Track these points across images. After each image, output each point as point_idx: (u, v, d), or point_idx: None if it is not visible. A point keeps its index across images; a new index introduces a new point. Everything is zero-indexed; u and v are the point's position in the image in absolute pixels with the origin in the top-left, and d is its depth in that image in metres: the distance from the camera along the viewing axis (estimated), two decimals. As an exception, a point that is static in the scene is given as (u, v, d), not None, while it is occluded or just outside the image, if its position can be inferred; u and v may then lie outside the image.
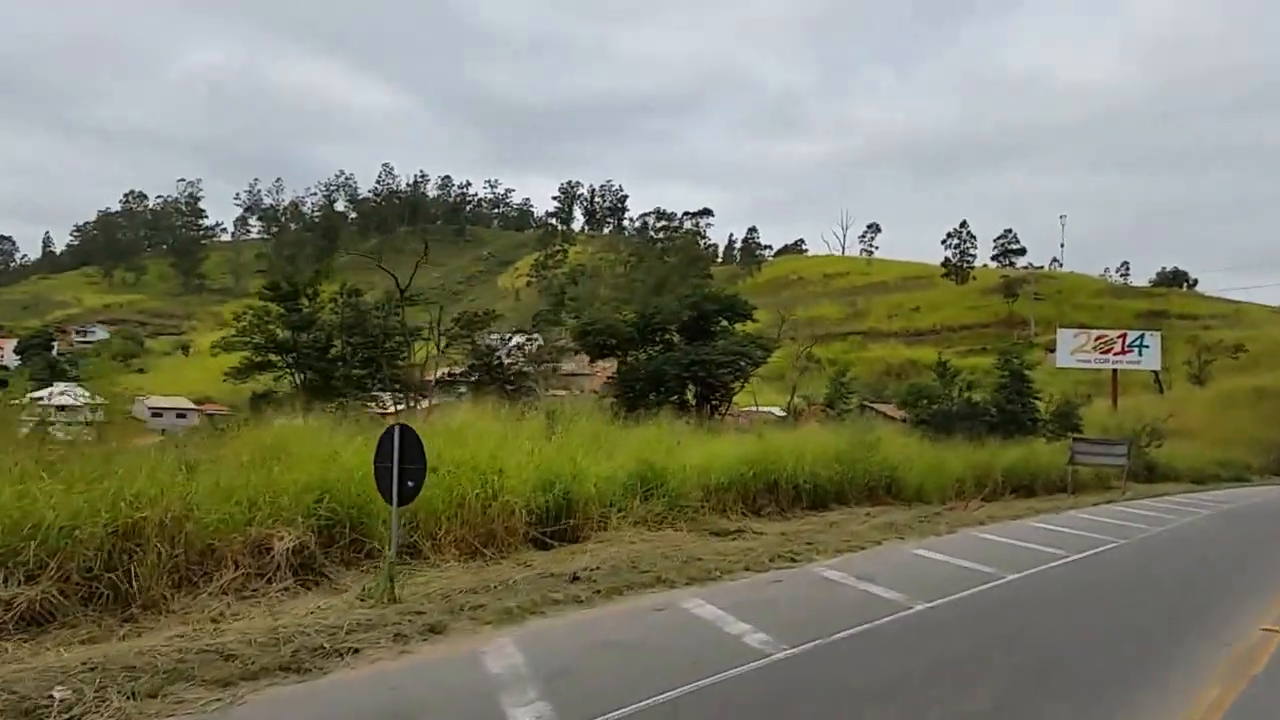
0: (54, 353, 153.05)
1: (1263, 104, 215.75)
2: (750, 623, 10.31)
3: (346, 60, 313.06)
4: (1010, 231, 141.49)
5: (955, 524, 21.25)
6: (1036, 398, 43.37)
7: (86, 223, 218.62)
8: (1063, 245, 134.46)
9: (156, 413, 68.68)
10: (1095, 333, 72.12)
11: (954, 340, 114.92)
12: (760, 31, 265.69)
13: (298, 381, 33.36)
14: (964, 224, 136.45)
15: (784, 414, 49.99)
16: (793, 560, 15.00)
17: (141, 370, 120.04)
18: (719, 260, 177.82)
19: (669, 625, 10.40)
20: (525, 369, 41.51)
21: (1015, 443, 35.69)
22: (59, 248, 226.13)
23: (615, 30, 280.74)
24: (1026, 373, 43.88)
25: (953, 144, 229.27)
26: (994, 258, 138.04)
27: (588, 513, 16.46)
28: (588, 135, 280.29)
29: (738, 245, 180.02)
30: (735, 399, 57.20)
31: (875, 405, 57.28)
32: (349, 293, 34.53)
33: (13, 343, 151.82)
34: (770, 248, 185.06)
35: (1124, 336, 70.09)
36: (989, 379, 46.76)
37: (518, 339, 44.45)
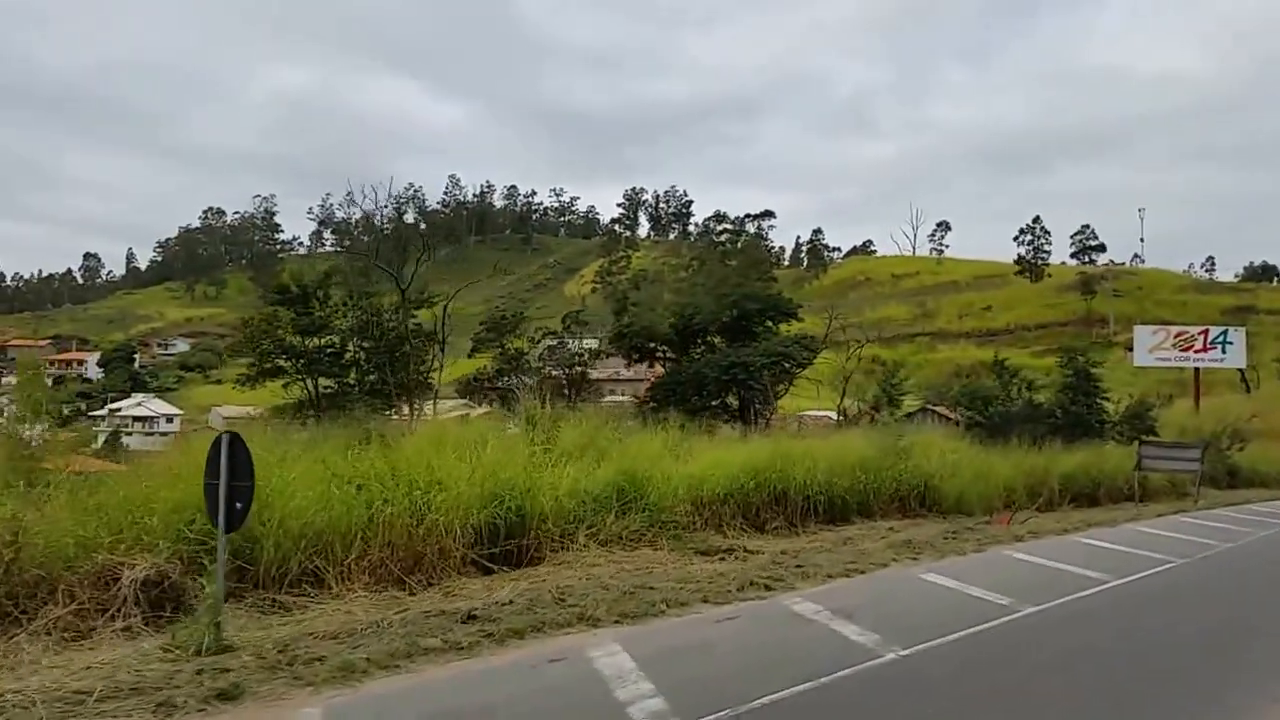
0: (136, 365, 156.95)
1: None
2: (655, 681, 8.06)
3: (419, 77, 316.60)
4: (1088, 227, 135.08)
5: (988, 540, 18.55)
6: (1104, 398, 39.83)
7: (169, 239, 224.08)
8: (1142, 240, 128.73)
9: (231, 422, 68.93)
10: (1175, 329, 67.54)
11: (1029, 340, 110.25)
12: (829, 32, 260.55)
13: (310, 389, 31.89)
14: (1037, 219, 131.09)
15: (839, 418, 47.21)
16: (767, 588, 12.64)
17: (219, 381, 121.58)
18: (785, 263, 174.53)
19: (549, 685, 8.19)
20: (554, 372, 39.59)
21: (1079, 447, 32.49)
22: (143, 264, 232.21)
23: (684, 36, 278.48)
24: (1093, 371, 40.35)
25: (1027, 140, 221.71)
26: (1073, 255, 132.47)
27: (546, 531, 14.37)
28: (657, 143, 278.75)
29: (805, 247, 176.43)
30: (784, 402, 54.68)
31: (937, 408, 54.09)
32: (360, 295, 32.93)
33: (95, 355, 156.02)
34: (839, 249, 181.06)
35: (1206, 333, 65.43)
36: (1055, 378, 43.26)
37: (548, 341, 42.48)
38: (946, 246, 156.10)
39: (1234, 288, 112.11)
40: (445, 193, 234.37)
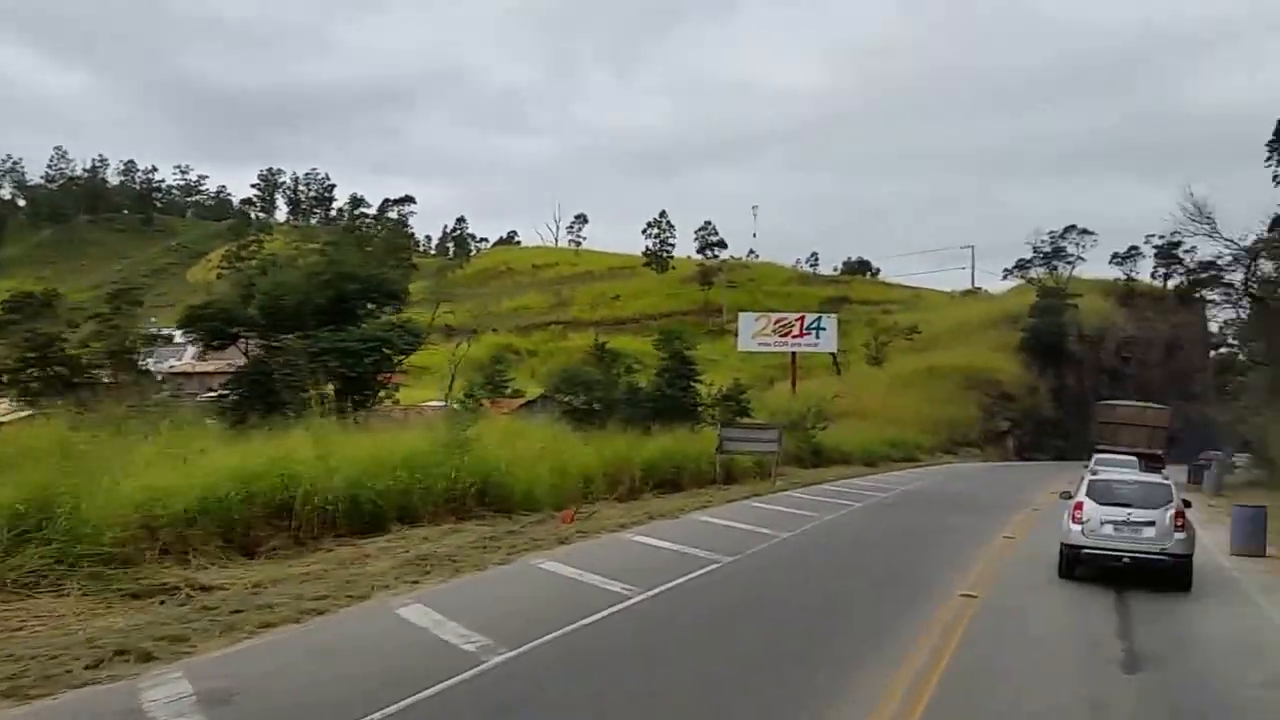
0: None
1: (950, 110, 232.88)
2: None
3: (37, 44, 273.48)
4: (709, 224, 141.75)
5: (527, 546, 15.87)
6: (698, 381, 39.65)
7: None
8: (755, 235, 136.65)
9: None
10: (776, 316, 70.96)
11: (653, 329, 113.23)
12: (486, 28, 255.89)
13: None
14: (663, 214, 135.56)
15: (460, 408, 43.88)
16: (148, 656, 8.81)
17: None
18: (431, 252, 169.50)
19: None
20: (100, 363, 32.89)
21: (671, 432, 31.42)
22: None
23: (339, 19, 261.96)
24: (688, 354, 40.05)
25: (665, 144, 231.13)
26: (699, 250, 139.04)
27: None
28: (304, 128, 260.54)
29: (451, 237, 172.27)
30: (403, 394, 50.38)
31: (558, 396, 52.33)
32: None
33: None
34: (485, 240, 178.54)
35: (802, 319, 69.21)
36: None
37: (91, 325, 35.44)
38: (584, 239, 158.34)
39: (832, 280, 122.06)
40: (50, 166, 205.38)
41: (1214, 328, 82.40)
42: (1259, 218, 47.53)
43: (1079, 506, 15.47)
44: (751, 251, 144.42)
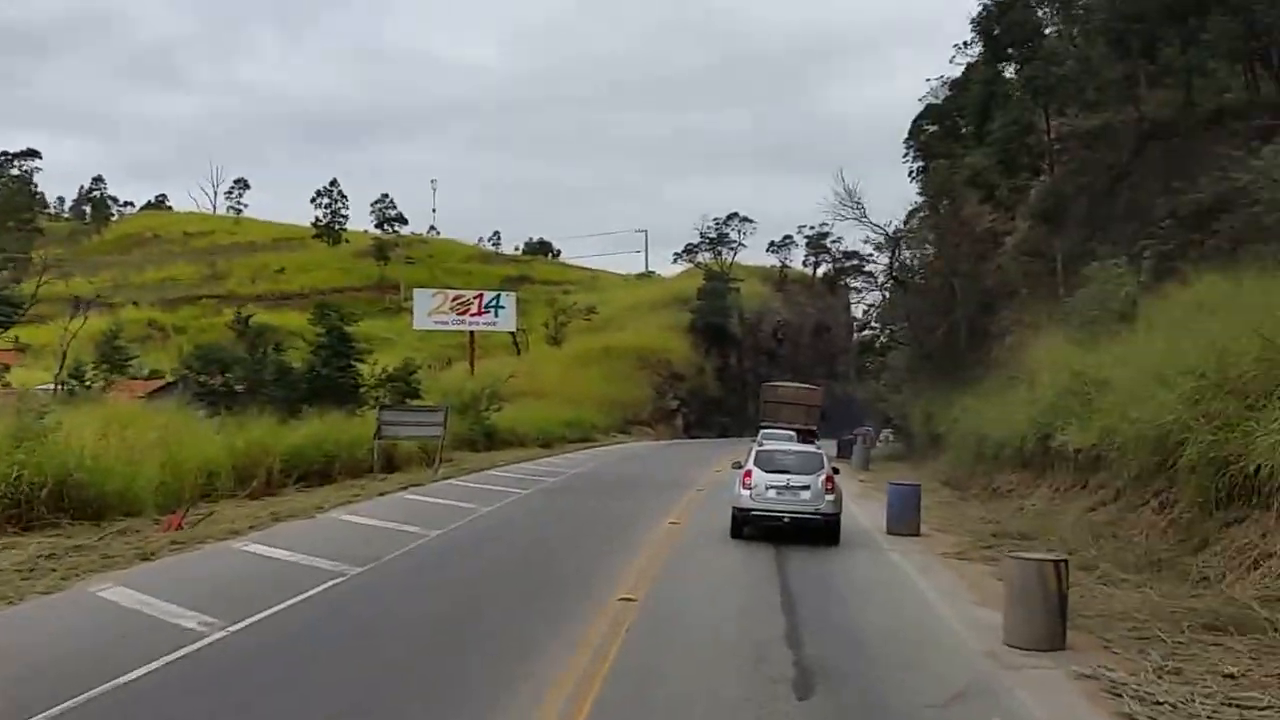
0: None
1: (619, 98, 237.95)
2: None
3: None
4: (387, 197, 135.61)
5: (95, 565, 12.42)
6: (359, 360, 36.29)
7: None
8: (434, 210, 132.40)
9: None
10: (453, 294, 68.26)
11: (324, 304, 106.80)
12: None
13: None
14: (334, 182, 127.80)
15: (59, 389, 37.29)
16: None
17: None
18: (65, 215, 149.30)
19: None
20: None
21: (320, 416, 28.01)
22: None
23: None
24: (348, 330, 36.51)
25: (342, 113, 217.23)
26: (377, 226, 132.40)
27: None
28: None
29: (89, 199, 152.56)
30: (8, 375, 43.08)
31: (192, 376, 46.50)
32: None
33: None
34: (131, 204, 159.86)
35: (480, 297, 67.02)
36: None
37: None
38: (245, 206, 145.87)
39: (514, 259, 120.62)
40: None
41: (858, 312, 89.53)
42: (901, 208, 51.79)
43: (748, 475, 17.01)
44: (432, 228, 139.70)
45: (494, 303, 66.90)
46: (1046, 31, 30.28)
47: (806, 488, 16.54)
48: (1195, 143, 27.90)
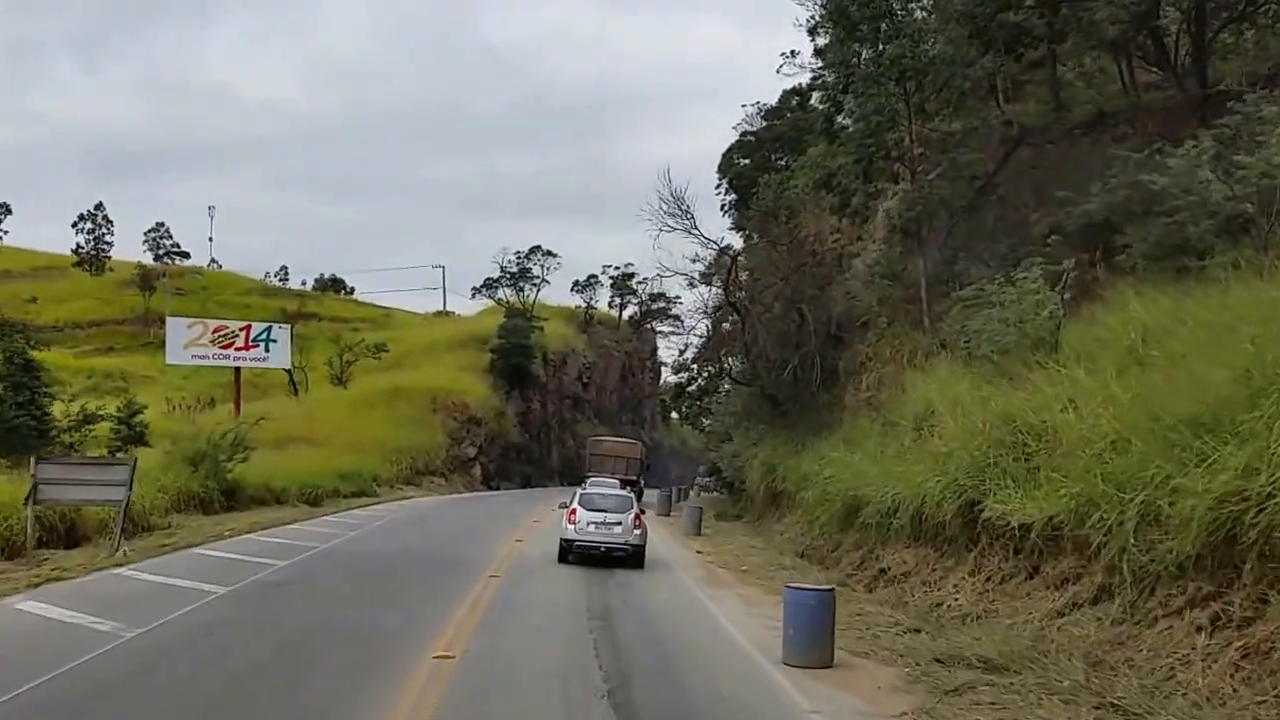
0: None
1: (423, 141, 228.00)
2: None
3: None
4: (162, 225, 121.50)
5: None
6: (48, 394, 27.19)
7: None
8: (211, 239, 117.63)
9: None
10: (214, 324, 57.99)
11: (79, 339, 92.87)
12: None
13: None
14: (99, 206, 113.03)
15: None
16: None
17: None
18: None
19: None
20: None
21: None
22: None
23: None
24: (32, 357, 27.31)
25: (141, 146, 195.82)
26: (155, 259, 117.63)
27: None
28: None
29: None
30: None
31: None
32: None
33: None
34: None
35: (248, 329, 57.13)
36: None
37: None
38: (6, 232, 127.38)
39: (300, 294, 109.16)
40: None
41: (665, 356, 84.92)
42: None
43: (573, 512, 20.72)
44: (213, 260, 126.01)
45: (264, 336, 57.22)
46: (909, 8, 25.68)
47: (620, 524, 20.29)
48: (1073, 150, 23.83)
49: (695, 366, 53.55)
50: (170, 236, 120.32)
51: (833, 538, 21.09)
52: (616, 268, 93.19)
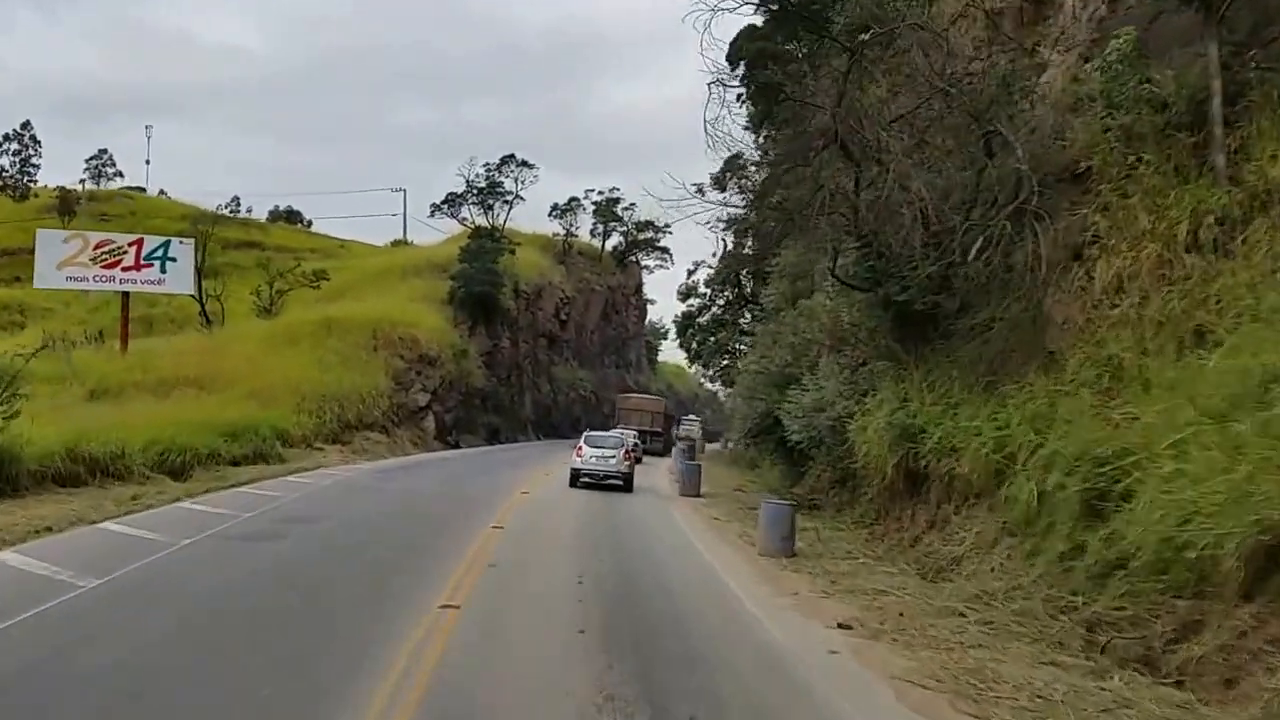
0: None
1: (390, 87, 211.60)
2: None
3: None
4: (105, 153, 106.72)
5: None
6: None
7: None
8: (149, 162, 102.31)
9: None
10: (96, 237, 44.88)
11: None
12: None
13: None
14: (27, 125, 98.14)
15: None
16: None
17: None
18: None
19: None
20: None
21: None
22: None
23: None
24: None
25: (103, 94, 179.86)
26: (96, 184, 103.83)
27: None
28: None
29: None
30: None
31: None
32: None
33: None
34: None
35: (139, 245, 44.02)
36: None
37: None
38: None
39: (244, 221, 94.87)
40: None
41: (655, 292, 72.69)
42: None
43: (580, 449, 28.33)
44: (162, 192, 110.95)
45: (160, 253, 44.10)
46: None
47: (614, 457, 27.73)
48: None
49: (709, 291, 41.36)
50: (114, 164, 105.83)
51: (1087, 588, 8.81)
52: (600, 192, 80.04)
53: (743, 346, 41.53)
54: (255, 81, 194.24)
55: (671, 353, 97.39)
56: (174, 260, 44.08)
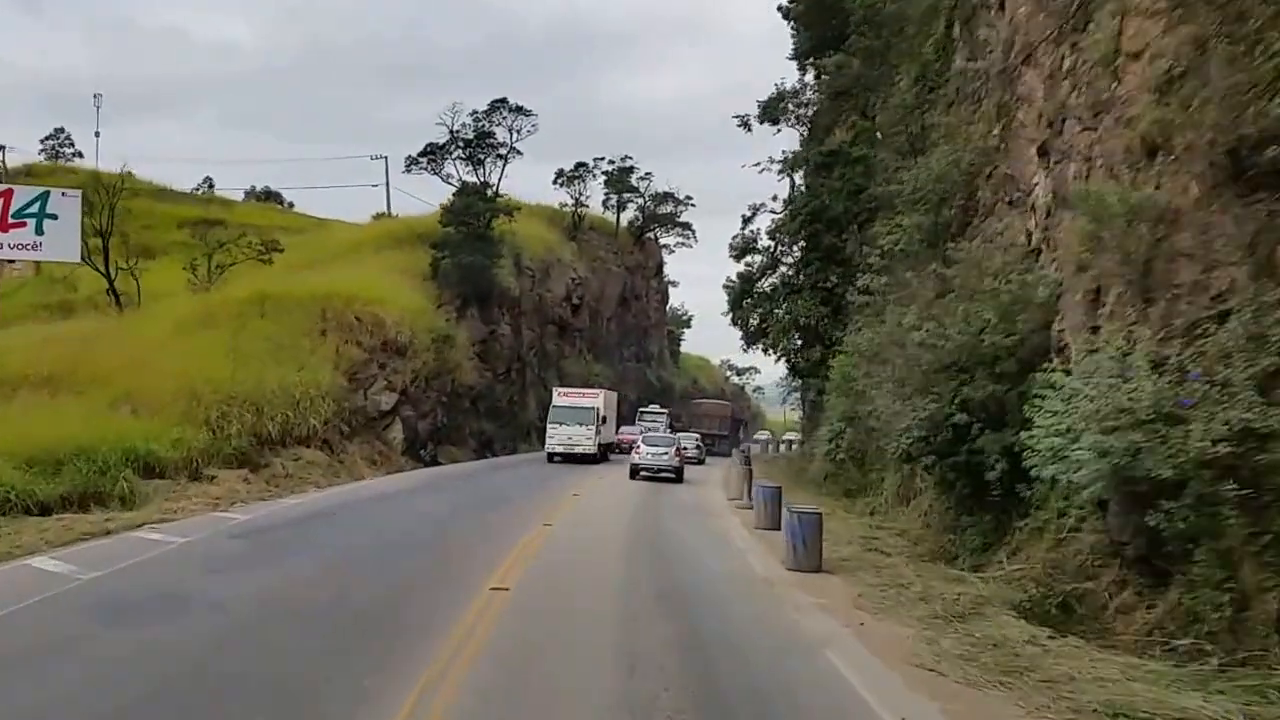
0: None
1: (381, 81, 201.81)
2: None
3: None
4: (62, 132, 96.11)
5: None
6: None
7: None
8: (98, 134, 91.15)
9: None
10: (-60, 186, 33.77)
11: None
12: None
13: None
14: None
15: None
16: None
17: None
18: None
19: None
20: None
21: None
22: None
23: None
24: None
25: (93, 90, 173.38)
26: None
27: None
28: None
29: None
30: None
31: None
32: None
33: None
34: None
35: (8, 195, 32.99)
36: None
37: None
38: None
39: (208, 199, 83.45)
40: None
41: (676, 272, 61.45)
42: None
43: (638, 448, 33.88)
44: (126, 169, 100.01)
45: (34, 209, 32.86)
46: None
47: (666, 453, 33.14)
48: None
49: (773, 245, 30.34)
50: (72, 144, 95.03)
51: None
52: (612, 160, 68.38)
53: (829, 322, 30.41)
54: (244, 75, 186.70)
55: (695, 343, 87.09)
56: (53, 218, 32.79)
